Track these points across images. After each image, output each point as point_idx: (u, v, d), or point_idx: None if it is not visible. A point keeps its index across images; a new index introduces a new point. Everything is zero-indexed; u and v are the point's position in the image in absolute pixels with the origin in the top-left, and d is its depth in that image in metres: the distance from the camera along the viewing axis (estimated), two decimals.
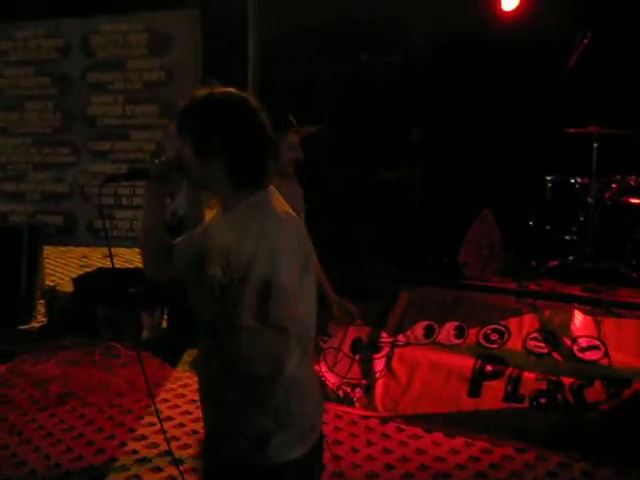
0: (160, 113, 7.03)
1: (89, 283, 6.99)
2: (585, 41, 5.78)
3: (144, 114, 7.07)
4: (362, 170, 6.64)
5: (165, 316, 6.86)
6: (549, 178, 6.06)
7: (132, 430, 4.92)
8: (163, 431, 4.66)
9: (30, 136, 7.46)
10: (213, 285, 2.12)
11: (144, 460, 4.50)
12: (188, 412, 5.13)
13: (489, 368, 5.15)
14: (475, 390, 5.09)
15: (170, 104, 6.98)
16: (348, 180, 6.53)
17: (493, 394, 5.01)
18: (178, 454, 4.53)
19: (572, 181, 6.00)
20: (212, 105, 2.14)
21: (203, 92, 2.17)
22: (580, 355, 4.99)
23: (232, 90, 2.20)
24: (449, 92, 6.53)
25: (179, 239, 2.43)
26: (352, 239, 6.24)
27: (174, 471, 4.32)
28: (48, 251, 8.39)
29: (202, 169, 2.17)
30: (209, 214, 2.47)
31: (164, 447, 4.64)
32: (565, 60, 5.82)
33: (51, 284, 7.72)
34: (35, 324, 7.10)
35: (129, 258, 8.88)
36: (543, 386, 4.91)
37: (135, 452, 4.61)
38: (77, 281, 7.10)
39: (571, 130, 5.83)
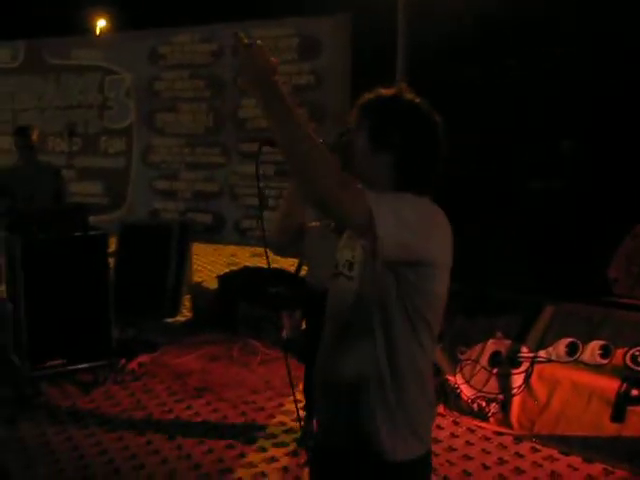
0: (309, 116, 7.09)
1: (233, 281, 7.17)
2: None
3: None
4: (509, 179, 6.42)
5: (305, 318, 6.91)
6: None
7: (262, 428, 4.99)
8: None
9: (184, 137, 7.74)
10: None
11: (272, 459, 4.55)
12: None
13: (635, 392, 4.82)
14: (618, 415, 4.78)
15: (319, 107, 7.05)
16: (494, 189, 6.32)
17: (638, 420, 4.70)
18: (304, 456, 4.54)
19: None
20: (401, 104, 2.16)
21: (391, 91, 2.20)
22: None
23: (419, 98, 2.20)
24: (602, 102, 6.20)
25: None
26: (496, 249, 6.05)
27: (301, 472, 4.35)
28: (198, 249, 8.67)
29: (370, 161, 2.16)
30: None
31: (292, 447, 4.70)
32: None
33: (198, 280, 7.98)
34: (180, 318, 7.37)
35: (275, 258, 9.05)
36: None
37: (264, 449, 4.67)
38: (222, 279, 7.31)
39: None
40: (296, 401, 3.42)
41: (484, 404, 5.24)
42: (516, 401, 5.16)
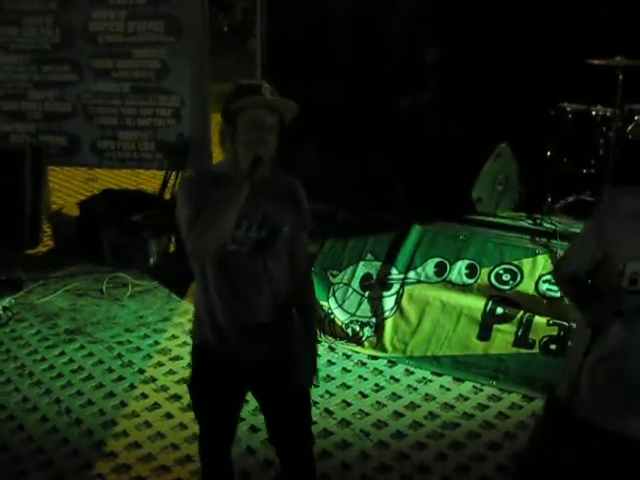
0: (165, 30, 6.71)
1: (94, 207, 6.88)
2: None
3: (147, 31, 6.75)
4: (379, 98, 6.34)
5: (172, 242, 6.75)
6: (569, 109, 5.79)
7: (141, 371, 4.91)
8: None
9: (29, 53, 7.14)
10: None
11: (154, 406, 4.48)
12: None
13: (500, 311, 5.08)
14: (485, 333, 5.04)
15: (174, 20, 6.68)
16: (364, 109, 6.22)
17: (503, 338, 4.96)
18: (188, 399, 4.50)
19: (594, 113, 5.73)
20: None
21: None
22: None
23: None
24: (466, 16, 6.19)
25: None
26: (363, 170, 6.07)
27: (185, 417, 4.31)
28: (52, 172, 8.19)
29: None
30: None
31: (174, 390, 4.64)
32: None
33: (56, 206, 7.60)
34: (42, 248, 7.03)
35: (134, 180, 8.81)
36: (554, 332, 4.85)
37: (145, 396, 4.60)
38: (82, 205, 6.99)
39: (595, 61, 5.52)
40: None
41: (358, 328, 5.36)
42: (388, 324, 5.31)
